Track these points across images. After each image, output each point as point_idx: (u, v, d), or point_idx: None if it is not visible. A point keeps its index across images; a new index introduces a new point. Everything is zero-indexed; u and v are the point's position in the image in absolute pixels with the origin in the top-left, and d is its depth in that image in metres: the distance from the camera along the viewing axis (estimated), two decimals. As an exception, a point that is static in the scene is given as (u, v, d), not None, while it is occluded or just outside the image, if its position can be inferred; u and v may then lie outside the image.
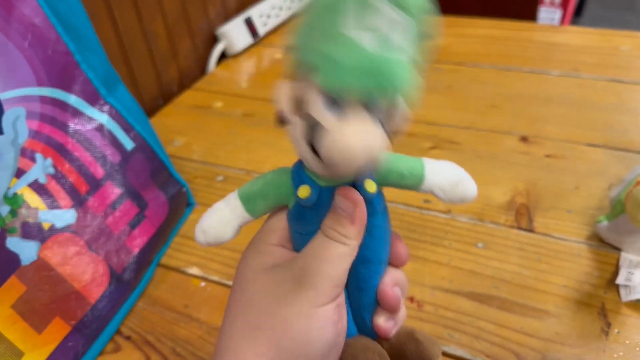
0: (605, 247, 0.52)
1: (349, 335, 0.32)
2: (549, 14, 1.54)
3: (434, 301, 0.49)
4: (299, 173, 0.30)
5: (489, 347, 0.44)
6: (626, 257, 0.50)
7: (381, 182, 0.31)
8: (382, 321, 0.33)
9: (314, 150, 0.27)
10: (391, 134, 0.28)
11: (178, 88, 0.93)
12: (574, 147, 0.66)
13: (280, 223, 0.32)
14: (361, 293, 0.32)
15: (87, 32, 0.51)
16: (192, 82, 0.94)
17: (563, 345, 0.44)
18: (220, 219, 0.31)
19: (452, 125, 0.72)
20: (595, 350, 0.43)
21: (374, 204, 0.30)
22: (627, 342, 0.44)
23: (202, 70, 0.98)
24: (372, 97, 0.25)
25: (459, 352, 0.44)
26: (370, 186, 0.30)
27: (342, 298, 0.30)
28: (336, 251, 0.29)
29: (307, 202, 0.30)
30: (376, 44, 0.24)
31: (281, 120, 0.29)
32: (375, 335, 0.33)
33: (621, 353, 0.43)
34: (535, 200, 0.58)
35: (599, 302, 0.47)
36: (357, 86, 0.25)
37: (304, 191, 0.30)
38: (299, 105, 0.27)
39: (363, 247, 0.30)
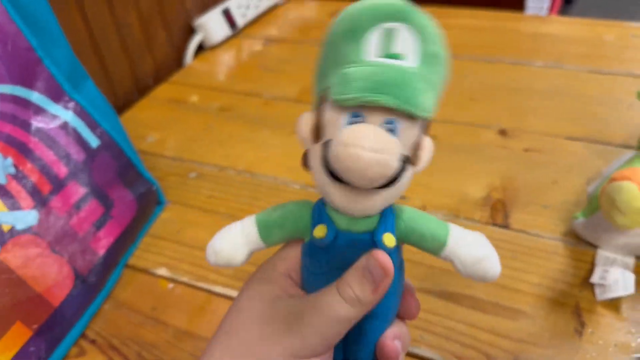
0: (581, 244, 0.51)
1: None
2: (536, 3, 1.53)
3: (405, 301, 0.48)
4: (320, 211, 0.29)
5: (459, 349, 0.44)
6: (602, 254, 0.49)
7: (401, 238, 0.30)
8: None
9: (331, 174, 0.26)
10: (410, 156, 0.27)
11: (154, 81, 0.91)
12: (554, 140, 0.65)
13: (293, 253, 0.32)
14: (358, 347, 0.32)
15: (50, 25, 0.49)
16: (168, 75, 0.92)
17: (535, 346, 0.43)
18: (234, 242, 0.31)
19: (431, 119, 0.71)
20: (568, 350, 0.43)
21: (390, 259, 0.28)
22: (600, 342, 0.43)
23: (179, 62, 0.97)
24: (385, 110, 0.25)
25: (428, 353, 0.43)
26: (389, 240, 0.29)
27: (328, 356, 0.29)
28: (341, 312, 0.27)
29: (322, 242, 0.29)
30: (397, 68, 0.25)
31: (306, 163, 0.29)
32: None
33: (594, 354, 0.42)
34: (511, 195, 0.57)
35: (574, 301, 0.46)
36: (367, 96, 0.25)
37: (320, 231, 0.29)
38: (319, 132, 0.27)
39: None
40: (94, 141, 0.51)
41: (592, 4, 2.38)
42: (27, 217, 0.45)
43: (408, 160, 0.26)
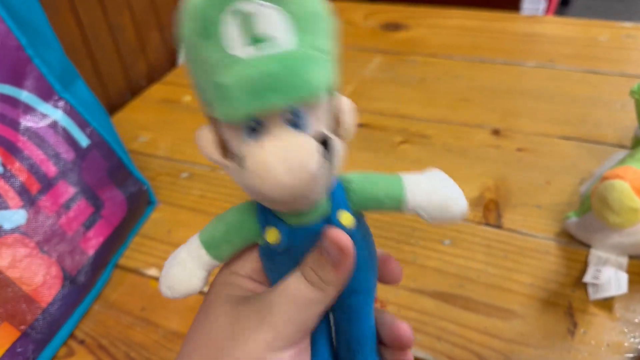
0: (574, 243, 0.51)
1: None
2: (532, 4, 1.52)
3: (397, 301, 0.47)
4: (264, 212, 0.27)
5: (450, 349, 0.43)
6: (595, 254, 0.49)
7: (358, 210, 0.28)
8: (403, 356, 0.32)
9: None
10: (338, 135, 0.25)
11: (147, 82, 0.90)
12: (546, 140, 0.65)
13: (252, 254, 0.30)
14: (351, 324, 0.30)
15: (41, 25, 0.49)
16: (161, 76, 0.91)
17: (528, 346, 0.43)
18: (185, 271, 0.28)
19: (423, 119, 0.71)
20: (560, 350, 0.42)
21: (353, 236, 0.26)
22: (592, 342, 0.43)
23: (172, 63, 0.96)
24: (289, 110, 0.23)
25: (420, 353, 0.43)
26: (346, 219, 0.27)
27: (305, 344, 0.28)
28: (309, 295, 0.26)
29: (279, 247, 0.27)
30: (271, 55, 0.21)
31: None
32: None
33: (587, 354, 0.42)
34: (504, 195, 0.57)
35: (566, 301, 0.46)
36: (248, 105, 0.21)
37: (272, 236, 0.27)
38: (224, 150, 0.24)
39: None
40: (83, 140, 0.51)
41: (589, 6, 2.39)
42: (15, 216, 0.45)
43: (329, 139, 0.24)
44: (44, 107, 0.48)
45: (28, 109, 0.47)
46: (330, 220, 0.27)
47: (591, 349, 0.42)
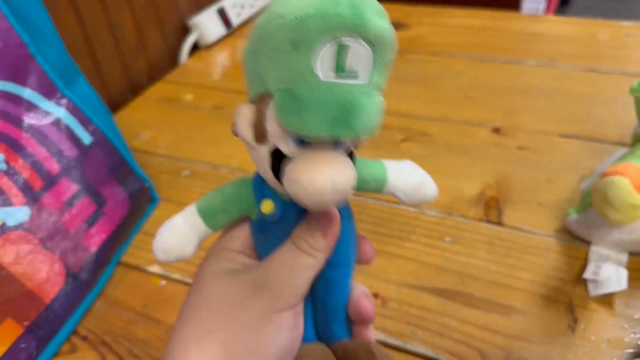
0: (575, 240, 0.51)
1: (306, 340, 0.31)
2: (533, 4, 1.52)
3: (398, 297, 0.47)
4: (261, 186, 0.30)
5: (452, 345, 0.43)
6: (595, 250, 0.49)
7: None
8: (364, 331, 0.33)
9: (280, 179, 0.26)
10: (355, 153, 0.28)
11: (148, 80, 0.91)
12: (548, 138, 0.65)
13: (243, 230, 0.31)
14: (328, 295, 0.32)
15: (43, 22, 0.49)
16: (162, 75, 0.92)
17: (528, 342, 0.43)
18: (180, 236, 0.30)
19: (425, 117, 0.71)
20: (560, 346, 0.43)
21: (339, 210, 0.30)
22: (593, 338, 0.43)
23: (173, 62, 0.96)
24: (339, 139, 0.25)
25: (421, 349, 0.43)
26: None
27: (300, 307, 0.30)
28: (302, 261, 0.29)
29: (272, 217, 0.29)
30: (352, 88, 0.23)
31: (236, 131, 0.28)
32: (335, 339, 0.33)
33: (587, 349, 0.42)
34: (505, 193, 0.57)
35: (567, 298, 0.46)
36: (324, 131, 0.23)
37: (267, 206, 0.29)
38: (262, 136, 0.26)
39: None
40: (86, 138, 0.51)
41: (588, 6, 2.39)
42: (18, 213, 0.45)
43: (353, 153, 0.27)
44: (47, 104, 0.48)
45: (31, 107, 0.47)
46: None
47: (591, 344, 0.42)
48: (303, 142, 0.25)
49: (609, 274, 0.45)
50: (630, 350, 0.42)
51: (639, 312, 0.44)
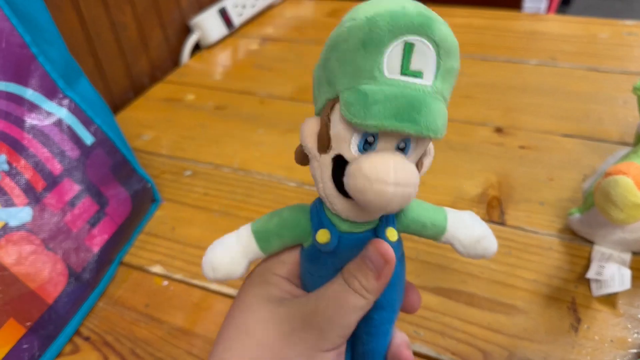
0: (577, 240, 0.51)
1: None
2: (534, 3, 1.52)
3: (401, 297, 0.47)
4: (319, 215, 0.29)
5: (455, 344, 0.43)
6: (598, 250, 0.49)
7: (402, 230, 0.30)
8: None
9: (340, 190, 0.26)
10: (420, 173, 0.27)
11: (150, 80, 0.91)
12: (549, 137, 0.65)
13: (292, 257, 0.31)
14: (370, 337, 0.32)
15: (45, 23, 0.49)
16: (164, 74, 0.92)
17: (531, 341, 0.43)
18: (231, 256, 0.30)
19: (426, 117, 0.71)
20: (563, 346, 0.42)
21: (393, 251, 0.29)
22: (596, 337, 0.43)
23: (175, 62, 0.97)
24: (404, 135, 0.25)
25: (424, 349, 0.43)
26: (392, 234, 0.29)
27: (343, 348, 0.30)
28: (353, 302, 0.28)
29: (326, 248, 0.29)
30: (421, 89, 0.24)
31: (301, 158, 0.28)
32: None
33: (590, 349, 0.42)
34: (507, 192, 0.57)
35: (569, 297, 0.46)
36: (388, 123, 0.23)
37: (323, 236, 0.29)
38: (326, 143, 0.26)
39: None
40: (88, 138, 0.51)
41: (589, 5, 2.39)
42: (20, 213, 0.45)
43: (419, 169, 0.27)
44: (49, 105, 0.48)
45: (33, 107, 0.47)
46: (377, 234, 0.29)
47: (595, 344, 0.42)
48: (366, 147, 0.25)
49: (612, 273, 0.45)
50: (634, 350, 0.42)
51: (641, 311, 0.44)
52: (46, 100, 0.48)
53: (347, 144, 0.25)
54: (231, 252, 0.30)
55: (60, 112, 0.49)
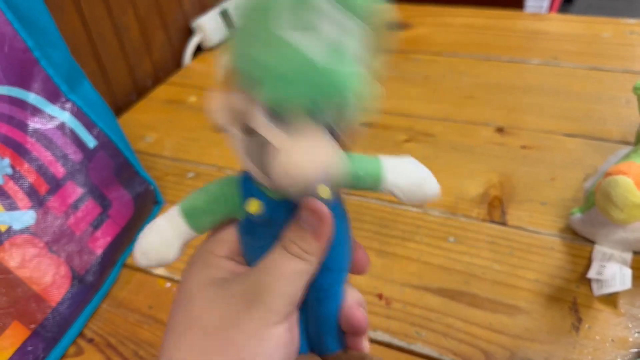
0: (579, 240, 0.51)
1: (299, 352, 0.30)
2: (536, 2, 1.52)
3: (402, 298, 0.48)
4: (247, 185, 0.28)
5: (457, 345, 0.43)
6: (600, 249, 0.49)
7: (337, 187, 0.28)
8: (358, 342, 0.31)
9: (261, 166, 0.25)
10: (344, 140, 0.26)
11: (153, 82, 0.91)
12: (551, 137, 0.65)
13: (230, 234, 0.29)
14: (320, 302, 0.30)
15: (47, 26, 0.49)
16: (167, 76, 0.92)
17: (533, 341, 0.43)
18: (161, 238, 0.28)
19: (428, 117, 0.71)
20: (565, 346, 0.43)
21: (330, 210, 0.27)
22: (597, 337, 0.43)
23: (177, 63, 0.97)
24: (318, 108, 0.23)
25: (426, 350, 0.43)
26: (323, 191, 0.27)
27: (295, 317, 0.28)
28: (294, 267, 0.27)
29: (260, 217, 0.27)
30: (317, 46, 0.22)
31: (219, 128, 0.26)
32: (328, 351, 0.31)
33: (591, 349, 0.42)
34: (509, 192, 0.57)
35: (571, 297, 0.46)
36: (302, 99, 0.22)
37: (253, 206, 0.27)
38: (239, 117, 0.25)
39: None
40: (91, 141, 0.51)
41: (590, 4, 2.38)
42: (24, 217, 0.45)
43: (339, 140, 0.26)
44: (51, 108, 0.49)
45: (36, 111, 0.48)
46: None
47: (596, 344, 0.42)
48: (281, 121, 0.24)
49: (613, 273, 0.45)
50: (635, 350, 0.42)
51: (643, 311, 0.44)
52: (49, 104, 0.49)
53: (260, 119, 0.24)
54: (161, 234, 0.28)
55: (62, 115, 0.49)
